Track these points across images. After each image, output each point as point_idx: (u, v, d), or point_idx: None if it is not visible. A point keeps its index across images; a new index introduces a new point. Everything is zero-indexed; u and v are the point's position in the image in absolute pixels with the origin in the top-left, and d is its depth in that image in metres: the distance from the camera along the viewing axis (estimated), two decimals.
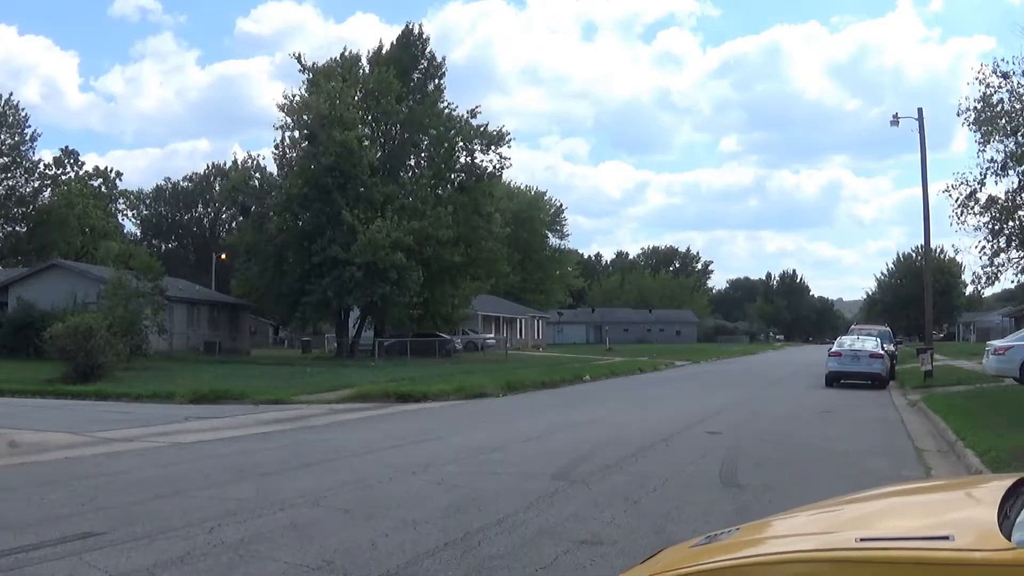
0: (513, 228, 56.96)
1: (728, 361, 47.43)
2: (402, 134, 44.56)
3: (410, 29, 46.07)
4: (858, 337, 27.57)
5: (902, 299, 73.77)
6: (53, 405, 17.18)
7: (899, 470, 9.64)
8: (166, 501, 7.42)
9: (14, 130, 54.14)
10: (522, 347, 62.34)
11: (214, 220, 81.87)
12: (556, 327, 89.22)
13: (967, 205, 20.35)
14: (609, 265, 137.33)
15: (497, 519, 6.70)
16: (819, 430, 13.69)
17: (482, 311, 58.05)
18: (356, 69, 43.40)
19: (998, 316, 66.62)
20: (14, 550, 5.62)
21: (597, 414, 15.98)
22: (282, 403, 17.75)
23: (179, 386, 19.53)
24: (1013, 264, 20.45)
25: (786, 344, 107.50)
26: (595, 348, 66.53)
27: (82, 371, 21.77)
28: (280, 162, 42.68)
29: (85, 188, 63.30)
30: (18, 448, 10.90)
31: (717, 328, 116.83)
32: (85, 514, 6.83)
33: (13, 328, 33.40)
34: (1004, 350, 21.12)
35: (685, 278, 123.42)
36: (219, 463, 9.85)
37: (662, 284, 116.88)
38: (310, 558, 5.53)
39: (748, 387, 24.36)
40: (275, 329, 69.53)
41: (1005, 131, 19.60)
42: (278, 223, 39.80)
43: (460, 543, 5.94)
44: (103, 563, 5.38)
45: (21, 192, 55.41)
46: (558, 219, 79.11)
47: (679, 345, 75.66)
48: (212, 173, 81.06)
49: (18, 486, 8.26)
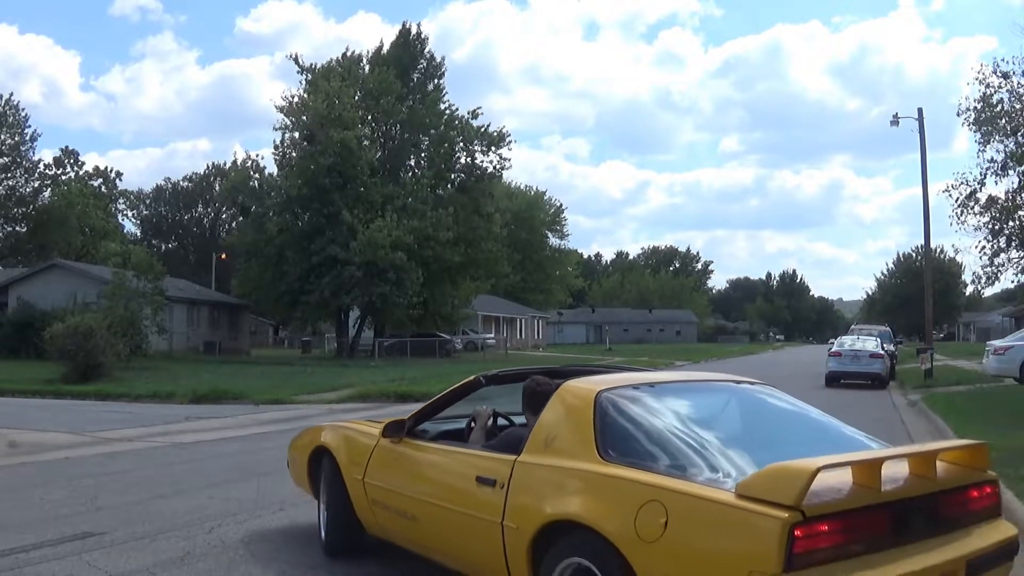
0: (513, 228, 57.03)
1: (728, 361, 47.39)
2: (402, 134, 44.57)
3: (408, 29, 46.12)
4: (858, 337, 27.55)
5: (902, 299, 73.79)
6: (53, 405, 17.15)
7: None
8: (166, 501, 7.42)
9: (14, 130, 54.08)
10: (522, 347, 62.34)
11: (214, 220, 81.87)
12: (556, 327, 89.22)
13: (967, 205, 20.37)
14: (609, 265, 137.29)
15: None
16: None
17: (482, 311, 58.04)
18: (356, 69, 43.39)
19: (998, 316, 66.60)
20: (14, 550, 5.61)
21: None
22: (282, 403, 17.73)
23: (179, 386, 19.53)
24: (1013, 264, 20.47)
25: (786, 344, 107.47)
26: (595, 348, 66.52)
27: (82, 371, 21.76)
28: (280, 162, 42.68)
29: (85, 188, 63.22)
30: (18, 448, 10.89)
31: (717, 328, 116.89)
32: (85, 514, 6.83)
33: (13, 328, 33.41)
34: (1004, 350, 21.10)
35: (685, 278, 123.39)
36: (219, 463, 9.85)
37: (662, 284, 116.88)
38: (310, 558, 5.53)
39: None
40: (275, 329, 69.53)
41: (1005, 131, 19.61)
42: (278, 223, 39.82)
43: None
44: (103, 563, 5.38)
45: (21, 192, 55.34)
46: (558, 219, 79.05)
47: (679, 345, 75.65)
48: (212, 173, 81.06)
49: (18, 486, 8.25)
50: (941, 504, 3.62)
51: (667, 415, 4.04)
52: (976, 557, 3.56)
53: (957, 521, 3.68)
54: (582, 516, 3.63)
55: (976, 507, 3.81)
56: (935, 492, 3.60)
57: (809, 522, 3.08)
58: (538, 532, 3.83)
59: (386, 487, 5.07)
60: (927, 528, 3.52)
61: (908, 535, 3.43)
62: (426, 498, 4.70)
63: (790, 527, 3.03)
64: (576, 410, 4.11)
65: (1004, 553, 3.76)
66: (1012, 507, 6.80)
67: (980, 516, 3.79)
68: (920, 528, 3.49)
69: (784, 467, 3.21)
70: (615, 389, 4.26)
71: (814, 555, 3.09)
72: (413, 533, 4.94)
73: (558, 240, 79.72)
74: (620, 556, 3.44)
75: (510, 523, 4.00)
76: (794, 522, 3.04)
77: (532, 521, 3.85)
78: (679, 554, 3.32)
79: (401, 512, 4.95)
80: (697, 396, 4.52)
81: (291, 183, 39.67)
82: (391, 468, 5.09)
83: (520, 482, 4.05)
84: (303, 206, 39.90)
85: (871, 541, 3.28)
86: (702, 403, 4.39)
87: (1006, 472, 7.99)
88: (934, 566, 3.37)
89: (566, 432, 4.07)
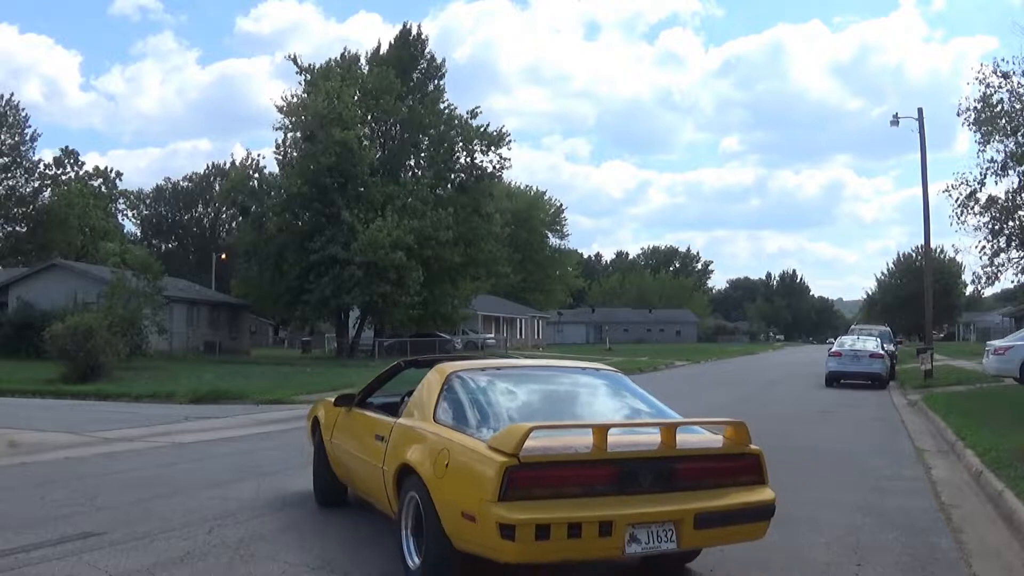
0: (513, 228, 56.94)
1: (728, 361, 47.42)
2: (402, 134, 44.55)
3: (408, 29, 46.12)
4: (858, 337, 27.57)
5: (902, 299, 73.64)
6: (53, 405, 17.15)
7: (899, 469, 9.65)
8: (166, 501, 7.42)
9: (14, 130, 54.11)
10: (522, 347, 62.32)
11: (214, 220, 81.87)
12: (556, 327, 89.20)
13: (967, 205, 20.35)
14: (609, 265, 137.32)
15: None
16: (819, 430, 13.70)
17: (482, 311, 58.04)
18: (355, 69, 43.36)
19: (998, 316, 66.60)
20: (14, 550, 5.61)
21: None
22: (282, 403, 17.72)
23: (179, 386, 19.52)
24: (1013, 264, 20.45)
25: (786, 344, 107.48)
26: (595, 348, 66.51)
27: (82, 371, 21.76)
28: (281, 162, 42.65)
29: (85, 188, 63.19)
30: (18, 448, 10.89)
31: (717, 328, 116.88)
32: (85, 514, 6.83)
33: (13, 328, 33.40)
34: (1004, 350, 21.11)
35: (685, 278, 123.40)
36: (219, 463, 9.85)
37: (662, 284, 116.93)
38: (310, 558, 5.54)
39: (748, 387, 24.35)
40: (275, 329, 69.51)
41: (1005, 131, 19.58)
42: (278, 223, 39.81)
43: None
44: (103, 563, 5.38)
45: (21, 192, 55.37)
46: (558, 219, 79.07)
47: (679, 345, 75.66)
48: (212, 173, 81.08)
49: (18, 486, 8.24)
50: (677, 467, 4.54)
51: (489, 391, 5.34)
52: (706, 512, 4.48)
53: (698, 482, 4.59)
54: (412, 462, 4.96)
55: (728, 474, 4.72)
56: (670, 457, 4.52)
57: (523, 467, 4.22)
58: (396, 473, 5.16)
59: (340, 445, 6.63)
60: (658, 484, 4.46)
61: (634, 488, 4.41)
62: (355, 451, 6.23)
63: (506, 468, 4.21)
64: (432, 384, 5.49)
65: (745, 514, 4.65)
66: (1012, 507, 6.80)
67: (735, 482, 4.71)
68: (649, 483, 4.45)
69: (513, 426, 4.44)
70: (466, 371, 5.56)
71: (528, 491, 4.22)
72: (351, 479, 6.52)
73: (558, 240, 79.84)
74: (427, 489, 4.70)
75: (385, 467, 5.38)
76: (509, 465, 4.21)
77: (392, 465, 5.22)
78: (453, 487, 4.53)
79: (346, 464, 6.53)
80: (529, 378, 5.81)
81: (291, 182, 39.61)
82: (342, 431, 6.67)
83: (394, 438, 5.41)
84: (303, 206, 39.87)
85: (591, 488, 4.34)
86: (528, 383, 5.65)
87: (1006, 472, 7.98)
88: (656, 513, 4.37)
89: (421, 401, 5.47)
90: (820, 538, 6.21)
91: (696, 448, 4.73)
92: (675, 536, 4.45)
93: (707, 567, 5.42)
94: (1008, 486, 7.35)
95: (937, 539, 6.28)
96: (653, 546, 4.41)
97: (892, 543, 6.11)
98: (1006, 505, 6.96)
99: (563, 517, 4.17)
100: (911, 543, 6.13)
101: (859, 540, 6.18)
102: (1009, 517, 6.71)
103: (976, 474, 8.70)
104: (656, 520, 4.38)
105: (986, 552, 5.95)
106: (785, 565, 5.54)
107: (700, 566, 5.43)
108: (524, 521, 4.11)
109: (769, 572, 5.44)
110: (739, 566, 5.49)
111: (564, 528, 4.15)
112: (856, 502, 7.59)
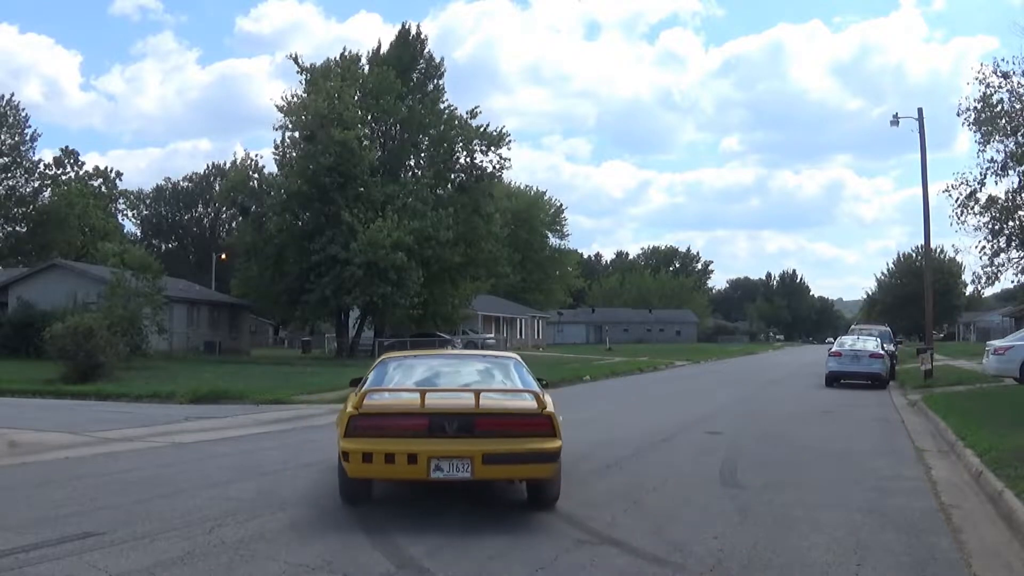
0: (513, 228, 56.93)
1: (728, 361, 47.42)
2: (402, 134, 44.51)
3: (407, 29, 46.07)
4: (858, 337, 27.56)
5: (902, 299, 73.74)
6: (53, 405, 17.15)
7: (899, 470, 9.64)
8: (166, 501, 7.42)
9: (14, 130, 54.07)
10: (522, 347, 62.29)
11: (214, 220, 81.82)
12: (556, 327, 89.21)
13: (967, 205, 20.33)
14: (609, 265, 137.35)
15: (496, 518, 6.73)
16: (819, 430, 13.69)
17: (482, 311, 58.02)
18: (355, 69, 43.31)
19: (998, 316, 66.59)
20: (14, 550, 5.62)
21: (596, 413, 15.97)
22: (282, 403, 17.72)
23: (179, 386, 19.49)
24: (1013, 264, 20.43)
25: (786, 344, 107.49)
26: (595, 348, 66.54)
27: (82, 371, 21.74)
28: (280, 162, 42.60)
29: (85, 188, 63.22)
30: (18, 448, 10.89)
31: (717, 328, 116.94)
32: (85, 514, 6.84)
33: (13, 328, 33.36)
34: (1004, 350, 21.11)
35: (685, 278, 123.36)
36: (219, 463, 9.86)
37: (662, 284, 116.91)
38: (310, 558, 5.54)
39: (748, 387, 24.37)
40: (275, 329, 69.49)
41: (1005, 131, 19.56)
42: (278, 223, 39.75)
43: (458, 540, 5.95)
44: (103, 563, 5.38)
45: (21, 192, 55.33)
46: (558, 219, 79.01)
47: (679, 345, 75.68)
48: (212, 173, 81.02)
49: (18, 486, 8.25)
50: (477, 420, 6.39)
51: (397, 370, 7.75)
52: (494, 454, 6.32)
53: (493, 432, 6.40)
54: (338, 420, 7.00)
55: (524, 427, 6.53)
56: (473, 413, 6.40)
57: (362, 416, 6.52)
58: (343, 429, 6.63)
59: None
60: (462, 432, 6.37)
61: (441, 433, 6.38)
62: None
63: (350, 417, 6.54)
64: (373, 366, 7.96)
65: (529, 456, 6.42)
66: (1012, 507, 6.80)
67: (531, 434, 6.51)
68: (455, 430, 6.38)
69: (364, 391, 6.95)
70: (394, 358, 8.23)
71: (364, 431, 6.45)
72: None
73: (558, 240, 79.74)
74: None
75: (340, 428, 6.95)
76: (352, 415, 6.54)
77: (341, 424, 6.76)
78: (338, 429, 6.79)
79: None
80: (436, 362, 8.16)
81: (291, 182, 39.57)
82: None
83: (350, 403, 6.89)
84: (303, 206, 39.84)
85: (408, 431, 6.41)
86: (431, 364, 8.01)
87: (1006, 472, 7.98)
88: (453, 450, 6.31)
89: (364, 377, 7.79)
90: (820, 538, 6.21)
91: (496, 408, 6.57)
92: (470, 468, 6.29)
93: (707, 567, 5.43)
94: (1008, 486, 7.35)
95: (937, 539, 6.28)
96: (452, 474, 6.31)
97: (892, 543, 6.12)
98: (1006, 505, 6.96)
99: (382, 449, 6.32)
100: (911, 543, 6.13)
101: (859, 540, 6.18)
102: (1009, 517, 6.71)
103: (976, 474, 8.70)
104: (455, 455, 6.30)
105: (986, 552, 5.95)
106: (785, 565, 5.54)
107: (700, 565, 5.44)
108: (354, 449, 6.40)
109: (769, 572, 5.44)
110: (739, 566, 5.49)
111: (382, 456, 6.31)
112: (856, 502, 7.59)
